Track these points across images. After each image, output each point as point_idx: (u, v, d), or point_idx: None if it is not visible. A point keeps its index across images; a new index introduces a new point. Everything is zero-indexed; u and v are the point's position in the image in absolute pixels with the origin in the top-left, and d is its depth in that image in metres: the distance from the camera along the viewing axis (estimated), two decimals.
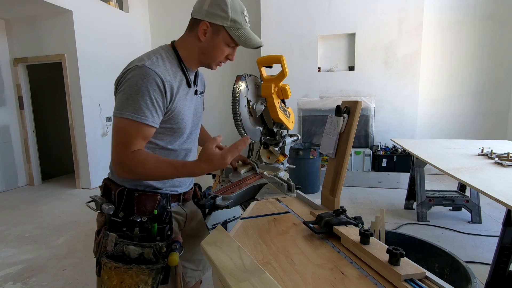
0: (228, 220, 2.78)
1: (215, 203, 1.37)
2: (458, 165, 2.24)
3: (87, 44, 4.63)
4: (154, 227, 0.96)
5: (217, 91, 5.91)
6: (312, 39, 4.99)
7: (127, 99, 0.91)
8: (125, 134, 0.92)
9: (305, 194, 1.42)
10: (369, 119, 4.91)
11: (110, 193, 1.04)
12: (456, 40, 4.89)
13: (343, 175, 1.22)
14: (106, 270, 0.93)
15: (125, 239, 0.95)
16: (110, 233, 0.96)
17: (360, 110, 1.20)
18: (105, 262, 0.93)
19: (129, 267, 0.92)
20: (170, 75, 0.99)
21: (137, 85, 0.91)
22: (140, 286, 0.92)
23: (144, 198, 1.00)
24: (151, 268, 0.93)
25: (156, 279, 0.94)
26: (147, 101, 0.92)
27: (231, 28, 0.99)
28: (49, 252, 2.75)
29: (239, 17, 0.99)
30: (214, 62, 1.07)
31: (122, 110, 0.91)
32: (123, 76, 0.96)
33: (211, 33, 1.00)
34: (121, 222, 0.97)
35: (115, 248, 0.94)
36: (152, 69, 0.94)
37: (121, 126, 0.92)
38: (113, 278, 0.92)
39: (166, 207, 1.03)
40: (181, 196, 1.15)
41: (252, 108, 1.65)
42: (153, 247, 0.94)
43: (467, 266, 1.37)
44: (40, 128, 5.25)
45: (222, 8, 0.97)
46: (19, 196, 4.52)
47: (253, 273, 0.79)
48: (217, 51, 1.03)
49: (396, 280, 0.75)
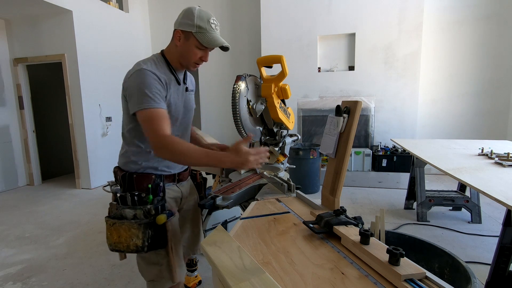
0: (228, 220, 2.79)
1: (215, 203, 1.37)
2: (458, 165, 2.24)
3: (87, 44, 4.63)
4: (149, 198, 1.20)
5: (217, 91, 5.91)
6: (312, 39, 4.99)
7: (140, 96, 1.15)
8: (150, 121, 1.13)
9: (305, 194, 1.42)
10: (369, 119, 4.91)
11: (117, 178, 1.32)
12: (456, 40, 4.89)
13: (343, 175, 1.23)
14: (108, 227, 1.17)
15: (123, 205, 1.19)
16: (113, 202, 1.23)
17: (360, 110, 1.20)
18: (107, 220, 1.18)
19: (122, 222, 1.15)
20: (162, 74, 1.23)
21: (142, 83, 1.16)
22: (133, 239, 1.15)
23: (141, 178, 1.26)
24: (139, 222, 1.14)
25: (145, 233, 1.15)
26: (153, 91, 1.16)
27: (197, 33, 1.21)
28: (49, 252, 2.75)
29: (204, 24, 1.21)
30: (190, 63, 1.28)
31: (141, 104, 1.14)
32: (127, 80, 1.21)
33: (184, 38, 1.23)
34: (124, 196, 1.20)
35: (116, 211, 1.18)
36: (149, 70, 1.18)
37: (147, 116, 1.14)
38: (113, 234, 1.16)
39: (159, 184, 1.27)
40: (175, 177, 1.36)
41: (252, 108, 1.65)
42: (142, 209, 1.17)
43: (467, 266, 1.37)
44: (40, 128, 5.25)
45: (189, 18, 1.21)
46: (19, 196, 4.52)
47: (253, 273, 0.79)
48: (190, 53, 1.25)
49: (396, 280, 0.75)
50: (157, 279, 1.27)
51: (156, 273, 1.27)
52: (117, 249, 1.17)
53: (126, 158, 1.30)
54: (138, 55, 5.70)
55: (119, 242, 1.16)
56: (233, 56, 5.74)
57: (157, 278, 1.27)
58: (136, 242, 1.14)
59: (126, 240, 1.15)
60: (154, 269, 1.27)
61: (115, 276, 2.32)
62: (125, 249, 1.16)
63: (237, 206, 1.67)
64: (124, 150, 1.32)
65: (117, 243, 1.16)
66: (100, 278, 2.30)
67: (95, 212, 3.69)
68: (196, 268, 2.19)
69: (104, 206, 3.88)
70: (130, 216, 1.16)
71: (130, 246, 1.15)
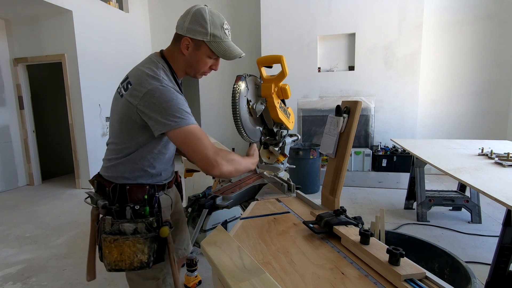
0: (228, 220, 2.79)
1: (215, 203, 1.37)
2: (458, 165, 2.24)
3: (87, 44, 4.63)
4: (146, 210, 1.11)
5: (217, 91, 5.91)
6: (312, 39, 4.99)
7: (174, 113, 1.01)
8: (197, 138, 1.02)
9: (305, 194, 1.42)
10: (369, 119, 4.91)
11: (104, 189, 1.16)
12: (456, 40, 4.89)
13: (343, 175, 1.23)
14: (106, 245, 1.06)
15: (120, 220, 1.08)
16: (107, 217, 1.08)
17: (360, 110, 1.20)
18: (105, 237, 1.06)
19: (126, 237, 1.05)
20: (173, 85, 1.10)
21: (172, 99, 1.01)
22: (138, 255, 1.05)
23: (135, 189, 1.13)
24: (145, 236, 1.06)
25: (151, 247, 1.08)
26: (186, 108, 1.04)
27: (211, 43, 1.08)
28: (49, 252, 2.75)
29: (219, 32, 1.08)
30: (199, 73, 1.17)
31: (178, 122, 1.00)
32: (148, 96, 1.02)
33: (193, 47, 1.09)
34: (118, 211, 1.10)
35: (112, 227, 1.07)
36: (170, 86, 1.05)
37: (190, 134, 1.02)
38: (113, 251, 1.05)
39: (154, 195, 1.17)
40: (165, 186, 1.27)
41: (252, 108, 1.65)
42: (144, 222, 1.08)
43: (467, 266, 1.37)
44: (40, 128, 5.25)
45: (201, 24, 1.05)
46: (19, 196, 4.52)
47: (253, 273, 0.79)
48: (201, 63, 1.13)
49: (396, 280, 0.75)
50: None
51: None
52: (117, 269, 1.07)
53: (117, 173, 1.14)
54: (138, 55, 5.70)
55: (120, 260, 1.06)
56: None
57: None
58: (141, 258, 1.06)
59: (130, 257, 1.06)
60: (151, 285, 1.19)
61: (115, 276, 2.32)
62: (127, 267, 1.07)
63: (237, 206, 1.67)
64: (116, 166, 1.15)
65: (118, 261, 1.06)
66: (100, 278, 2.30)
67: None
68: (196, 268, 2.19)
69: None
70: (130, 231, 1.06)
71: (134, 263, 1.06)
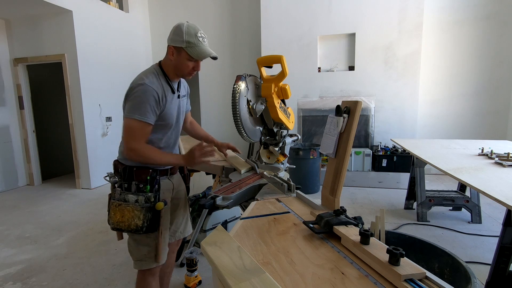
0: (228, 220, 2.79)
1: (215, 203, 1.37)
2: (458, 165, 2.24)
3: (87, 44, 4.63)
4: (147, 188, 1.41)
5: (217, 91, 5.91)
6: (312, 39, 4.99)
7: (134, 106, 1.34)
8: (133, 129, 1.34)
9: (305, 194, 1.42)
10: (369, 119, 4.90)
11: (118, 170, 1.48)
12: (456, 40, 4.89)
13: (343, 175, 1.23)
14: (113, 208, 1.38)
15: (126, 191, 1.41)
16: (117, 188, 1.42)
17: (360, 110, 1.20)
18: (113, 202, 1.39)
19: (127, 204, 1.36)
20: (161, 88, 1.40)
21: (141, 97, 1.34)
22: (135, 220, 1.34)
23: (141, 171, 1.43)
24: (142, 205, 1.36)
25: (146, 216, 1.36)
26: (147, 108, 1.35)
27: (187, 48, 1.37)
28: (49, 252, 2.75)
29: (193, 39, 1.37)
30: (185, 74, 1.45)
31: (131, 113, 1.34)
32: (130, 92, 1.37)
33: (176, 53, 1.40)
34: (126, 187, 1.42)
35: (120, 196, 1.39)
36: (151, 86, 1.35)
37: (131, 124, 1.34)
38: (117, 214, 1.37)
39: (156, 177, 1.46)
40: (168, 171, 1.56)
41: (252, 108, 1.65)
42: (144, 195, 1.38)
43: (467, 266, 1.37)
44: (40, 128, 5.25)
45: (179, 34, 1.37)
46: (19, 196, 4.52)
47: (253, 273, 0.79)
48: (183, 65, 1.42)
49: (396, 280, 0.75)
50: (144, 259, 1.45)
51: (144, 253, 1.45)
52: (118, 228, 1.37)
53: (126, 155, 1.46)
54: (138, 55, 5.71)
55: (121, 222, 1.35)
56: (233, 56, 5.74)
57: (145, 258, 1.45)
58: (137, 222, 1.34)
59: (128, 220, 1.34)
60: (143, 250, 1.44)
61: (115, 276, 2.32)
62: (125, 228, 1.35)
63: (237, 206, 1.67)
64: None
65: (120, 222, 1.35)
66: (100, 278, 2.30)
67: (95, 212, 3.69)
68: (196, 268, 2.19)
69: (104, 205, 3.88)
70: (132, 201, 1.36)
71: (131, 225, 1.34)
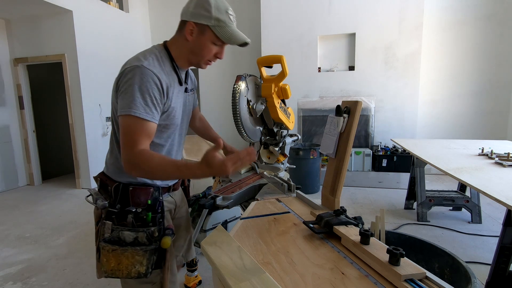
0: (228, 220, 2.78)
1: (215, 203, 1.37)
2: (458, 165, 2.24)
3: (87, 44, 4.62)
4: (148, 215, 1.04)
5: (217, 91, 5.91)
6: (312, 39, 4.99)
7: (129, 98, 0.96)
8: (131, 132, 0.96)
9: (305, 194, 1.42)
10: (369, 119, 4.90)
11: (106, 188, 1.12)
12: (456, 40, 4.89)
13: (343, 175, 1.22)
14: (105, 253, 1.02)
15: (121, 226, 1.03)
16: (107, 222, 1.04)
17: (360, 110, 1.20)
18: (103, 245, 1.02)
19: (125, 249, 1.00)
20: (165, 75, 1.05)
21: (137, 84, 0.96)
22: (136, 267, 1.01)
23: (138, 191, 1.08)
24: (144, 249, 1.01)
25: (150, 259, 1.03)
26: (147, 99, 0.97)
27: (215, 27, 1.03)
28: (49, 252, 2.75)
29: (223, 16, 1.03)
30: (203, 61, 1.11)
31: (126, 108, 0.95)
32: (122, 76, 1.00)
33: (197, 32, 1.04)
34: (118, 213, 1.05)
35: (112, 234, 1.02)
36: (150, 69, 0.99)
37: (127, 124, 0.96)
38: (111, 260, 1.01)
39: (158, 198, 1.12)
40: (171, 188, 1.23)
41: (252, 108, 1.65)
42: (146, 231, 1.02)
43: (467, 266, 1.37)
44: (40, 128, 5.25)
45: (205, 8, 1.01)
46: (19, 196, 4.52)
47: (253, 273, 0.79)
48: (205, 49, 1.07)
49: (396, 280, 0.75)
50: None
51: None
52: (114, 276, 1.03)
53: (118, 166, 1.09)
54: None
55: (117, 270, 1.02)
56: (233, 56, 5.74)
57: None
58: (139, 269, 1.01)
59: (127, 268, 1.01)
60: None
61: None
62: (124, 276, 1.03)
63: (237, 206, 1.67)
64: (115, 157, 1.11)
65: (115, 270, 1.02)
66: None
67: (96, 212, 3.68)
68: (196, 268, 2.19)
69: None
70: (130, 240, 1.02)
71: (131, 273, 1.02)
